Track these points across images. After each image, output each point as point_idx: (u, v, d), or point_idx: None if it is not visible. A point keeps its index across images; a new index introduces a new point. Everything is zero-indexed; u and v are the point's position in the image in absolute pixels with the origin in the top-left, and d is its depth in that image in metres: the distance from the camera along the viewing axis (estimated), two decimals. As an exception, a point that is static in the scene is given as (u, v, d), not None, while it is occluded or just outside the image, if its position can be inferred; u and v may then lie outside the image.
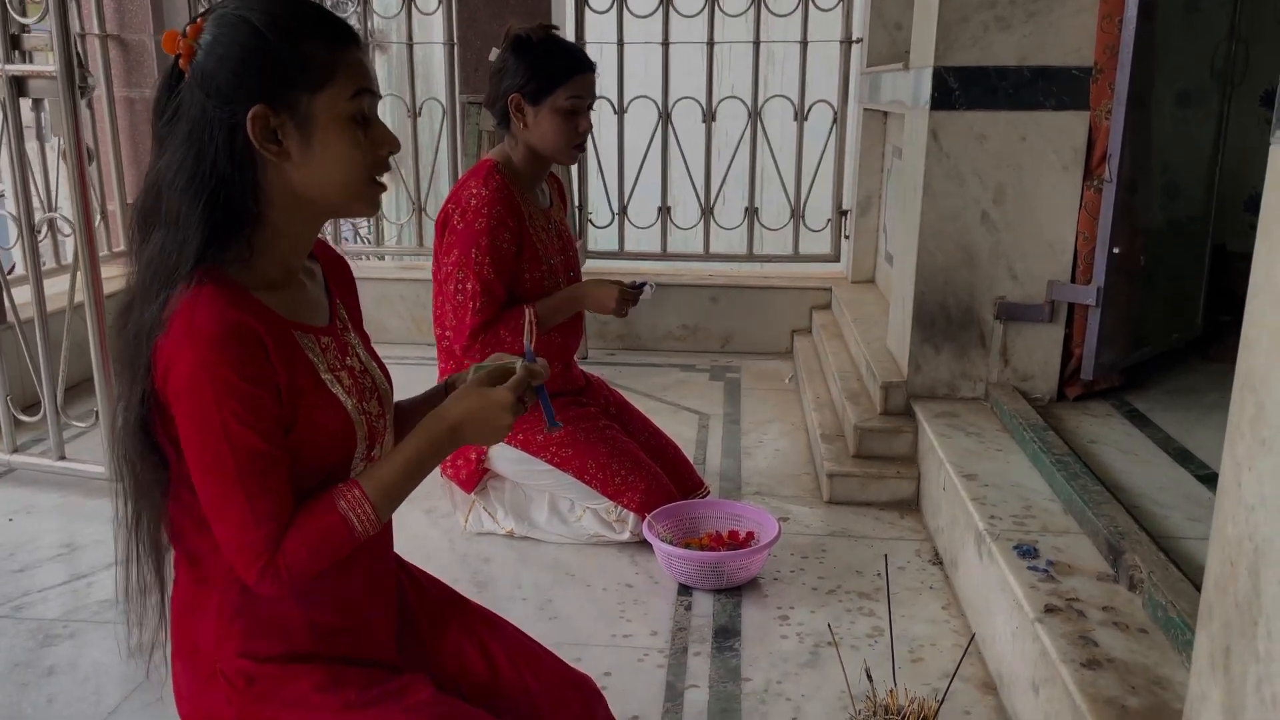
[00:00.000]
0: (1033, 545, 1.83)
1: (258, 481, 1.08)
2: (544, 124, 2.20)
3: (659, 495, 2.30)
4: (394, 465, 1.18)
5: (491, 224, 2.17)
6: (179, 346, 1.05)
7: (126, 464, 1.14)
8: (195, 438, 1.07)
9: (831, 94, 4.01)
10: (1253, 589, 0.94)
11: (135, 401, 1.10)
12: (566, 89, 2.18)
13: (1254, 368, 0.95)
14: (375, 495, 1.15)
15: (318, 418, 1.15)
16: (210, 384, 1.05)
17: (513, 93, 2.18)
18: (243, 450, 1.07)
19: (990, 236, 2.51)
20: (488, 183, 2.20)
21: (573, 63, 2.20)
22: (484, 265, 2.17)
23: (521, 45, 2.19)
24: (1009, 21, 2.37)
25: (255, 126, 1.08)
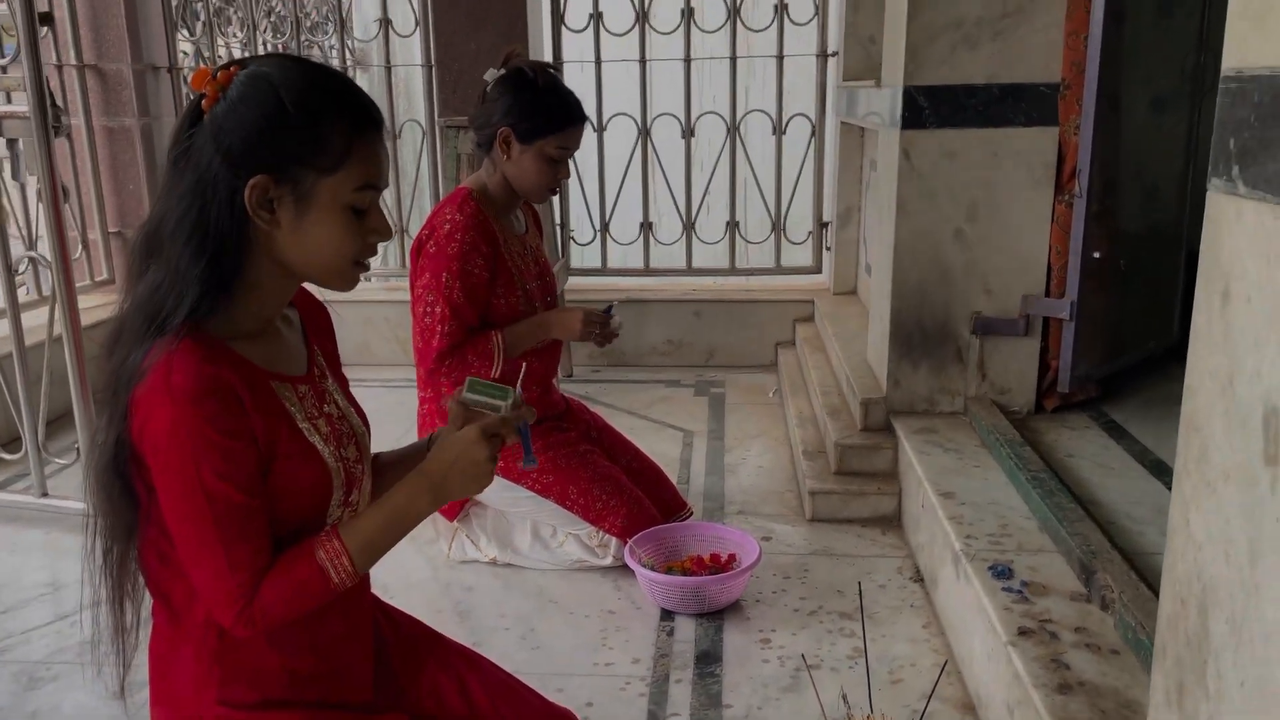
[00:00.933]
0: (1008, 565, 1.84)
1: (234, 531, 1.10)
2: (527, 163, 2.21)
3: (641, 519, 2.31)
4: (376, 519, 1.19)
5: (464, 249, 2.18)
6: (157, 401, 1.06)
7: (101, 505, 1.16)
8: (174, 490, 1.09)
9: (809, 107, 4.04)
10: (1202, 628, 0.96)
11: (110, 444, 1.12)
12: (558, 138, 2.20)
13: (1197, 410, 0.97)
14: (354, 548, 1.17)
15: (294, 467, 1.16)
16: (189, 439, 1.06)
17: (504, 127, 2.20)
18: (220, 502, 1.08)
19: (964, 253, 2.53)
20: (462, 209, 2.21)
21: (570, 114, 2.22)
22: (454, 290, 2.18)
23: (523, 82, 2.20)
24: (976, 41, 2.39)
25: (252, 194, 1.09)
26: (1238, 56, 0.92)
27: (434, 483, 1.21)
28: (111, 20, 3.84)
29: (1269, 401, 0.85)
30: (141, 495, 1.14)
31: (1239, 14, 0.92)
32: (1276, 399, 0.84)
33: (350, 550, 1.15)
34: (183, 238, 1.08)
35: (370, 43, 4.41)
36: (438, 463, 1.22)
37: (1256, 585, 0.87)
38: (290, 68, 1.12)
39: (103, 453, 1.12)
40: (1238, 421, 0.90)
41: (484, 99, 2.25)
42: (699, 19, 3.96)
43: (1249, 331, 0.89)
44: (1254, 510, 0.87)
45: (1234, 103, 0.91)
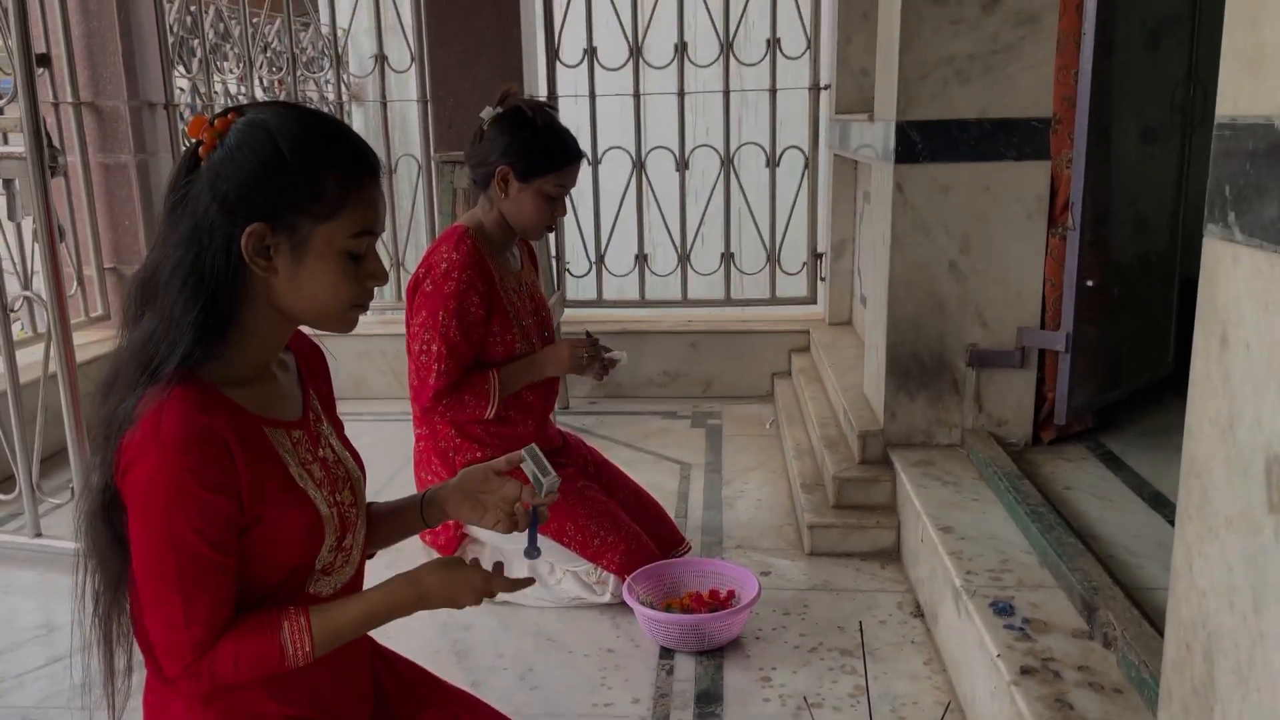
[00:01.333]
0: (1009, 602, 1.83)
1: (195, 584, 1.09)
2: (525, 202, 2.23)
3: (639, 555, 2.30)
4: (350, 614, 1.20)
5: (460, 287, 2.19)
6: (144, 447, 1.06)
7: (90, 551, 1.15)
8: (142, 536, 1.09)
9: (802, 140, 4.06)
10: (1208, 675, 0.95)
11: (99, 490, 1.12)
12: (557, 176, 2.22)
13: (1197, 455, 0.97)
14: (319, 633, 1.17)
15: (286, 515, 1.16)
16: (166, 487, 1.06)
17: (503, 165, 2.21)
18: (186, 554, 1.08)
19: (959, 285, 2.54)
20: (459, 247, 2.22)
21: (568, 153, 2.24)
22: (450, 328, 2.18)
23: (522, 121, 2.21)
24: (968, 76, 2.41)
25: (249, 242, 1.09)
26: (1232, 105, 0.93)
27: (420, 595, 1.22)
28: (108, 58, 3.86)
29: (1270, 449, 0.85)
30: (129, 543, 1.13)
31: (1233, 61, 0.93)
32: (1278, 446, 0.84)
33: (315, 635, 1.16)
34: (178, 285, 1.08)
35: (366, 78, 4.43)
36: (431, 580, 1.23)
37: (1262, 633, 0.87)
38: (287, 115, 1.12)
39: (92, 499, 1.12)
40: (1239, 468, 0.90)
41: (480, 137, 2.26)
42: (692, 53, 3.99)
43: (1248, 378, 0.89)
44: (1257, 558, 0.87)
45: (1229, 150, 0.92)
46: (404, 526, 1.40)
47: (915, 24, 2.40)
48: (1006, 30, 2.39)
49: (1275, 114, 0.85)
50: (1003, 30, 2.39)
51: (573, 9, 3.99)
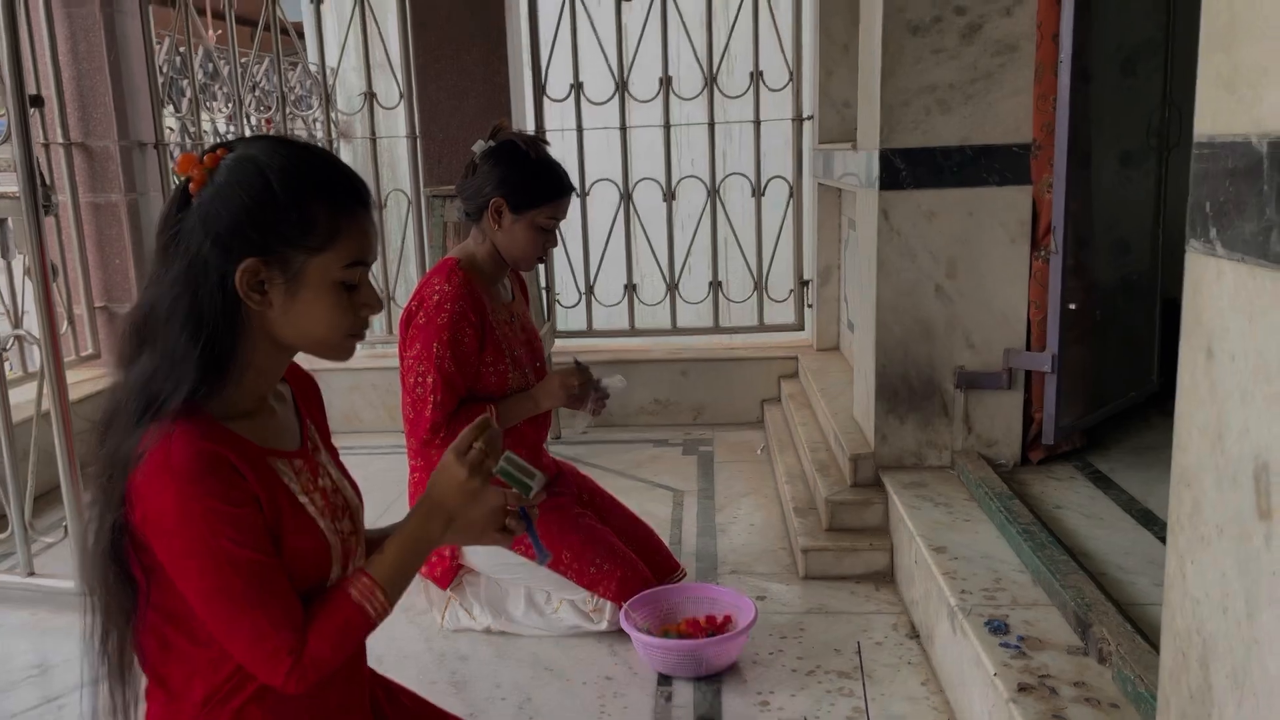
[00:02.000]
0: (1004, 620, 1.85)
1: (264, 591, 1.11)
2: (518, 233, 2.26)
3: (636, 583, 2.31)
4: (396, 551, 1.22)
5: (454, 319, 2.21)
6: (159, 484, 1.07)
7: (99, 590, 1.15)
8: (194, 568, 1.09)
9: (786, 170, 4.12)
10: (1204, 681, 0.97)
11: (106, 529, 1.12)
12: (549, 209, 2.25)
13: (1187, 466, 0.99)
14: (385, 580, 1.19)
15: (296, 542, 1.17)
16: (201, 515, 1.07)
17: (496, 197, 2.24)
18: (244, 567, 1.09)
19: (945, 309, 2.58)
20: (450, 279, 2.24)
21: (560, 185, 2.28)
22: (445, 359, 2.20)
23: (516, 154, 2.25)
24: (949, 104, 2.46)
25: (243, 278, 1.10)
26: (1210, 124, 0.96)
27: (435, 504, 1.24)
28: (98, 98, 3.89)
29: (1259, 457, 0.87)
30: (140, 579, 1.13)
31: (1209, 82, 0.97)
32: (1266, 454, 0.86)
33: (382, 583, 1.18)
34: (176, 323, 1.10)
35: (354, 115, 4.47)
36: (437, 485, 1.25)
37: (1256, 639, 0.89)
38: (276, 149, 1.14)
39: (99, 539, 1.12)
40: (1228, 477, 0.92)
41: (473, 170, 2.29)
42: (677, 87, 4.06)
43: (1235, 388, 0.91)
44: (1249, 564, 0.89)
45: (1208, 168, 0.95)
46: None
47: (896, 54, 2.46)
48: (986, 59, 2.44)
49: (1252, 132, 0.88)
50: (982, 59, 2.44)
51: (559, 45, 4.06)
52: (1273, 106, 0.86)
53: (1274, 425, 0.86)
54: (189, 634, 1.15)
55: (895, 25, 2.44)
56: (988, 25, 2.43)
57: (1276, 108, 0.86)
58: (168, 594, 1.14)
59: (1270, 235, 0.86)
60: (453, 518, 1.25)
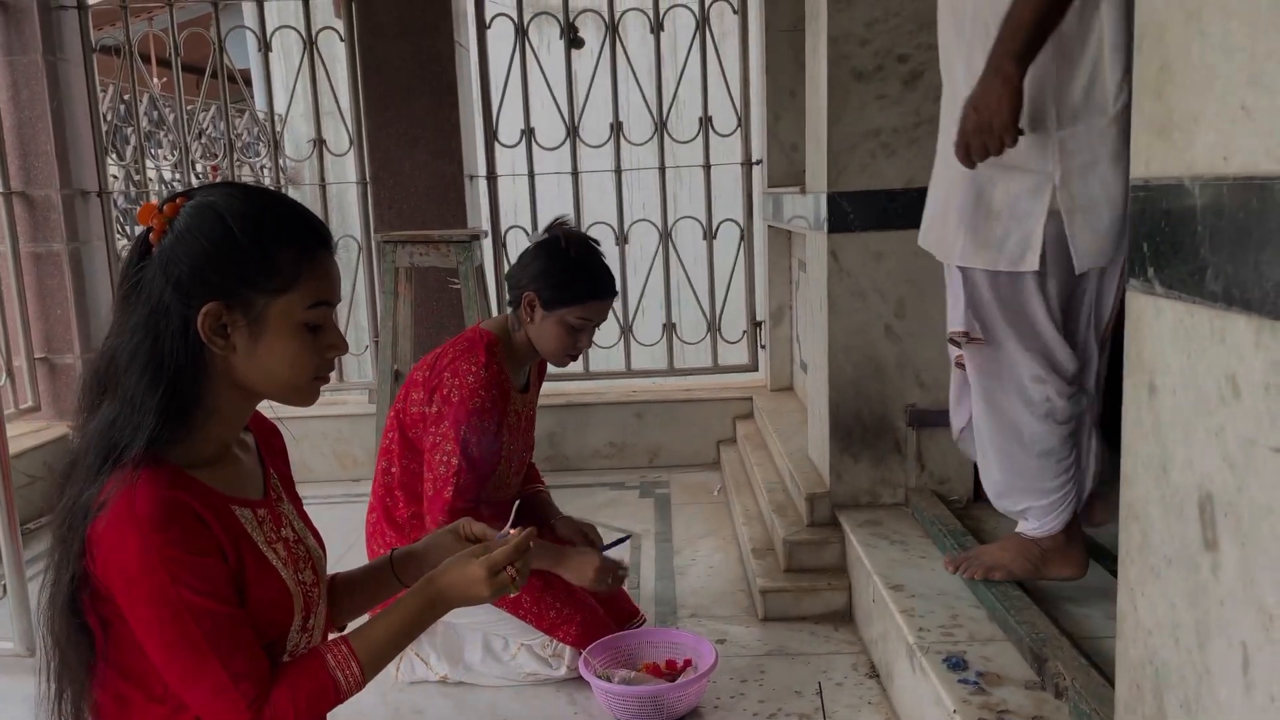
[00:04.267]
0: (961, 657, 1.86)
1: (227, 642, 1.09)
2: (548, 329, 2.24)
3: (596, 627, 2.28)
4: (387, 626, 1.20)
5: (485, 405, 2.19)
6: (122, 532, 1.05)
7: (54, 644, 1.13)
8: (154, 618, 1.07)
9: (737, 213, 4.18)
10: (1158, 711, 0.99)
11: (65, 582, 1.10)
12: (581, 309, 2.22)
13: (1135, 499, 1.01)
14: (364, 655, 1.17)
15: (259, 592, 1.15)
16: (163, 565, 1.05)
17: (530, 291, 2.23)
18: (206, 619, 1.07)
19: (895, 347, 2.62)
20: (489, 365, 2.22)
21: (595, 288, 2.25)
22: (470, 444, 2.18)
23: (555, 251, 2.24)
24: (893, 148, 2.52)
25: (205, 322, 1.10)
26: (1144, 167, 0.99)
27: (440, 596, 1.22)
28: (40, 147, 3.83)
29: (1202, 488, 0.90)
30: (97, 632, 1.11)
31: (1143, 127, 1.00)
32: (1209, 485, 0.89)
33: (360, 658, 1.15)
34: (137, 370, 1.08)
35: (303, 162, 4.46)
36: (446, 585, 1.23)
37: (1207, 668, 0.90)
38: (235, 195, 1.14)
39: (57, 591, 1.09)
40: (1174, 509, 0.94)
41: (521, 259, 2.30)
42: (627, 132, 4.10)
43: (1177, 423, 0.94)
44: (1198, 595, 0.91)
45: (1145, 210, 0.99)
46: (377, 591, 1.39)
47: (842, 100, 2.51)
48: (928, 104, 2.50)
49: (1185, 174, 0.92)
50: (924, 104, 2.50)
51: (510, 91, 4.09)
52: (1204, 149, 0.90)
53: (1215, 457, 0.88)
54: (145, 689, 1.13)
55: (840, 72, 2.50)
56: (929, 72, 2.49)
57: (1207, 151, 0.89)
58: (124, 648, 1.11)
59: (1205, 274, 0.89)
60: (449, 609, 1.25)
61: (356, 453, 3.98)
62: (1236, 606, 0.85)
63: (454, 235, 3.30)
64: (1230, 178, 0.85)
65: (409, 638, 1.23)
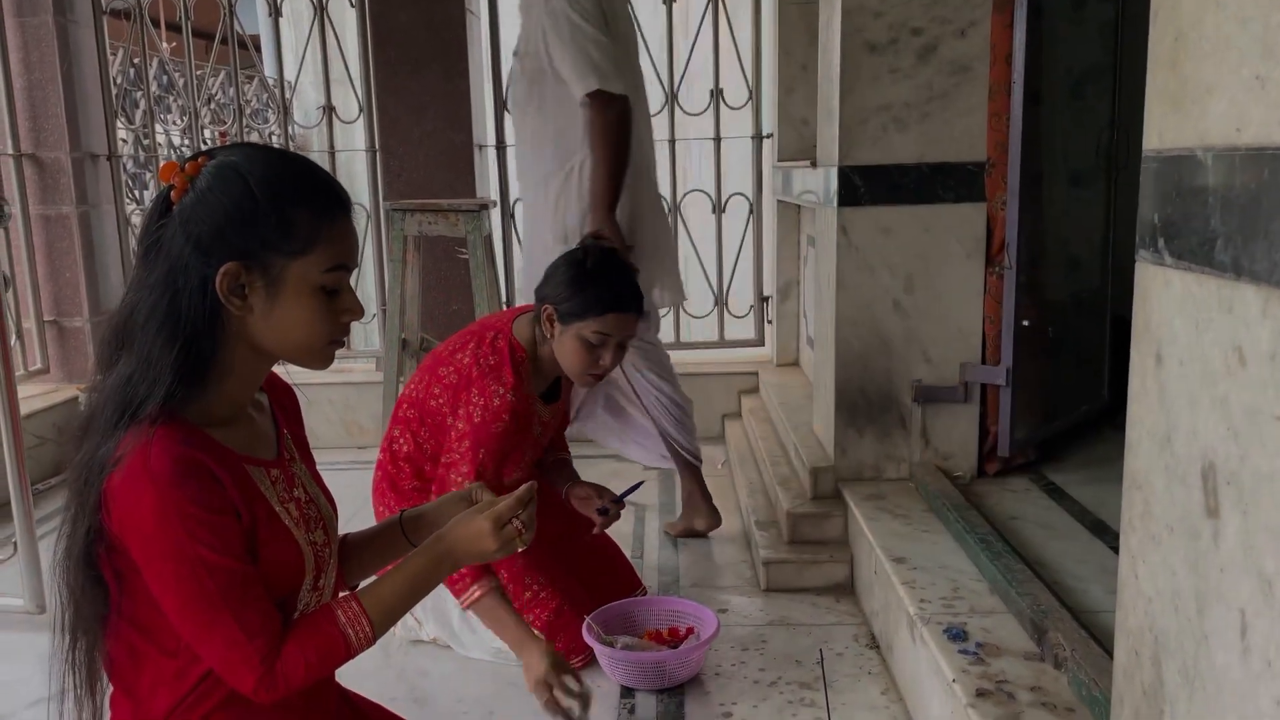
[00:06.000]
0: (961, 627, 1.88)
1: (239, 598, 1.10)
2: (565, 344, 2.18)
3: (570, 617, 2.22)
4: (396, 583, 1.21)
5: (505, 425, 2.14)
6: (138, 487, 1.06)
7: (69, 596, 1.14)
8: (169, 572, 1.08)
9: (747, 187, 4.17)
10: (1157, 678, 1.00)
11: (80, 534, 1.11)
12: (597, 323, 2.15)
13: (1138, 468, 1.02)
14: (374, 612, 1.18)
15: (271, 551, 1.17)
16: (179, 521, 1.07)
17: (547, 304, 2.18)
18: (221, 574, 1.09)
19: (903, 323, 2.62)
20: (516, 390, 2.15)
21: (612, 300, 2.17)
22: (481, 456, 2.14)
23: (573, 262, 2.19)
24: (905, 123, 2.51)
25: (224, 282, 1.10)
26: (1158, 138, 1.00)
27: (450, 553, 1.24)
28: (50, 109, 3.83)
29: (1206, 457, 0.90)
30: (111, 585, 1.12)
31: (1156, 99, 1.01)
32: (1213, 454, 0.89)
33: (371, 615, 1.16)
34: (154, 327, 1.09)
35: (312, 129, 4.45)
36: (455, 541, 1.24)
37: (1205, 635, 0.91)
38: (256, 156, 1.15)
39: (72, 543, 1.11)
40: (1177, 477, 0.95)
41: (546, 270, 2.25)
42: (638, 103, 4.08)
43: (1183, 392, 0.95)
44: (1198, 562, 0.92)
45: (1156, 180, 0.99)
46: (386, 551, 1.41)
47: (854, 73, 2.50)
48: (941, 79, 2.49)
49: (1197, 145, 0.92)
50: (937, 79, 2.50)
51: (520, 60, 4.06)
52: (1217, 120, 0.90)
53: (1219, 427, 0.89)
54: (157, 643, 1.15)
55: (853, 45, 2.49)
56: (942, 46, 2.48)
57: (1220, 121, 0.89)
58: (138, 601, 1.13)
59: (1215, 244, 0.89)
60: (458, 567, 1.26)
61: (363, 420, 4.00)
62: (1236, 573, 0.86)
63: (462, 204, 3.30)
64: (1243, 148, 0.85)
65: (418, 595, 1.24)
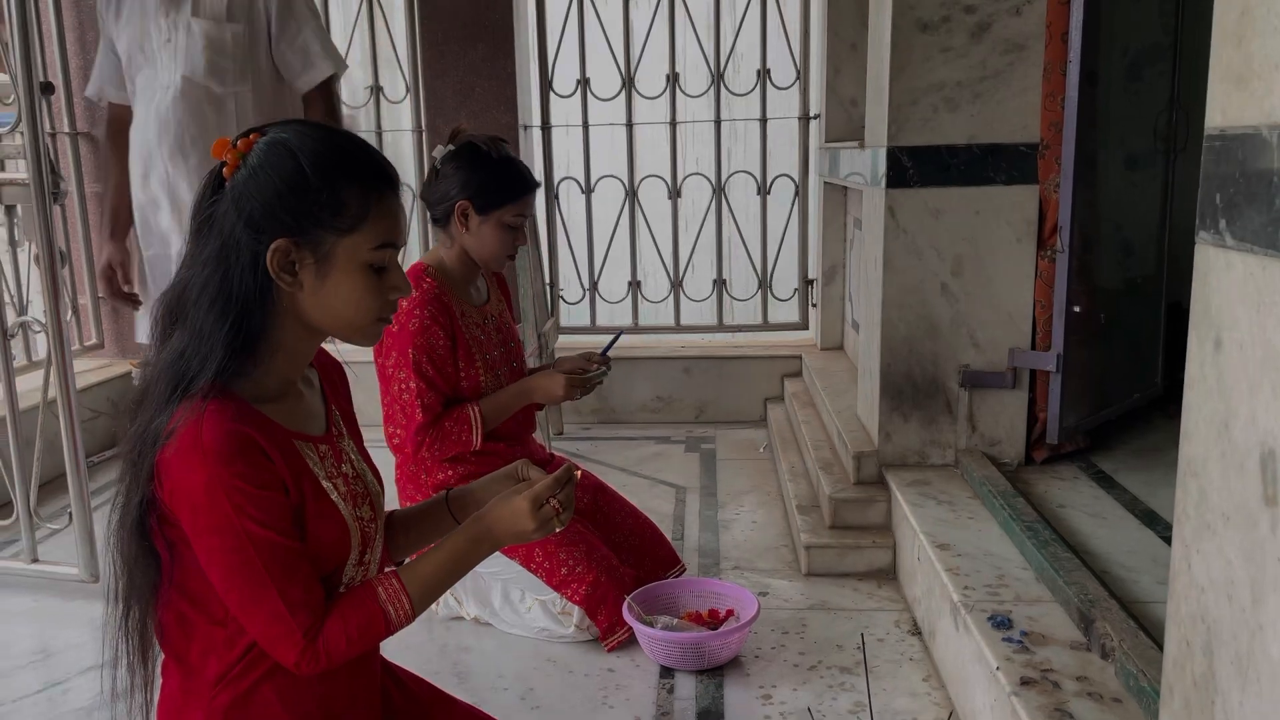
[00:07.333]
0: (1006, 615, 1.85)
1: (285, 573, 1.12)
2: (486, 235, 2.26)
3: (609, 588, 2.23)
4: (435, 562, 1.23)
5: (424, 324, 2.20)
6: (190, 461, 1.08)
7: (122, 565, 1.17)
8: (217, 546, 1.11)
9: (792, 168, 4.13)
10: (1208, 668, 0.98)
11: (134, 504, 1.14)
12: (515, 207, 2.25)
13: (1194, 456, 1.00)
14: (414, 590, 1.20)
15: (318, 527, 1.18)
16: (227, 496, 1.09)
17: (462, 200, 2.23)
18: (266, 548, 1.11)
19: (951, 307, 2.58)
20: (418, 285, 2.24)
21: (524, 184, 2.28)
22: (422, 363, 2.20)
23: (478, 157, 2.24)
24: (956, 103, 2.47)
25: (274, 258, 1.12)
26: (1220, 117, 0.97)
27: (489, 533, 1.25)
28: (106, 89, 3.88)
29: (1265, 444, 0.88)
30: (163, 555, 1.15)
31: (1220, 76, 0.97)
32: (1273, 442, 0.87)
33: (410, 592, 1.18)
34: (207, 302, 1.11)
35: (359, 109, 4.48)
36: (494, 523, 1.25)
37: (1260, 625, 0.89)
38: (307, 133, 1.16)
39: (126, 514, 1.13)
40: (1235, 465, 0.93)
41: (436, 175, 2.28)
42: (683, 84, 4.07)
43: (1242, 377, 0.92)
44: (1254, 551, 0.90)
45: (1218, 160, 0.96)
46: (432, 529, 1.42)
47: (905, 52, 2.46)
48: (994, 58, 2.45)
49: (1262, 123, 0.89)
50: (990, 58, 2.45)
51: (566, 41, 4.07)
52: (1284, 97, 0.87)
53: (1282, 414, 0.86)
54: (206, 612, 1.17)
55: (905, 23, 2.45)
56: (996, 24, 2.43)
57: (1288, 98, 0.86)
58: (189, 571, 1.15)
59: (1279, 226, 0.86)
60: (498, 546, 1.27)
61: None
62: (1295, 564, 0.84)
63: (508, 184, 3.30)
64: (1312, 126, 0.82)
65: (457, 574, 1.25)
